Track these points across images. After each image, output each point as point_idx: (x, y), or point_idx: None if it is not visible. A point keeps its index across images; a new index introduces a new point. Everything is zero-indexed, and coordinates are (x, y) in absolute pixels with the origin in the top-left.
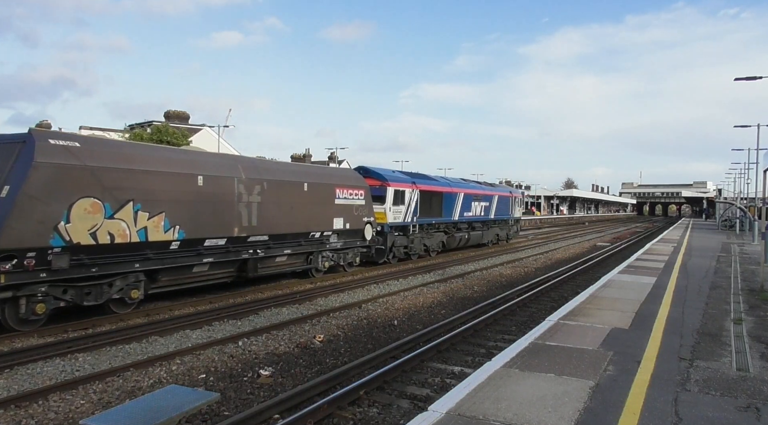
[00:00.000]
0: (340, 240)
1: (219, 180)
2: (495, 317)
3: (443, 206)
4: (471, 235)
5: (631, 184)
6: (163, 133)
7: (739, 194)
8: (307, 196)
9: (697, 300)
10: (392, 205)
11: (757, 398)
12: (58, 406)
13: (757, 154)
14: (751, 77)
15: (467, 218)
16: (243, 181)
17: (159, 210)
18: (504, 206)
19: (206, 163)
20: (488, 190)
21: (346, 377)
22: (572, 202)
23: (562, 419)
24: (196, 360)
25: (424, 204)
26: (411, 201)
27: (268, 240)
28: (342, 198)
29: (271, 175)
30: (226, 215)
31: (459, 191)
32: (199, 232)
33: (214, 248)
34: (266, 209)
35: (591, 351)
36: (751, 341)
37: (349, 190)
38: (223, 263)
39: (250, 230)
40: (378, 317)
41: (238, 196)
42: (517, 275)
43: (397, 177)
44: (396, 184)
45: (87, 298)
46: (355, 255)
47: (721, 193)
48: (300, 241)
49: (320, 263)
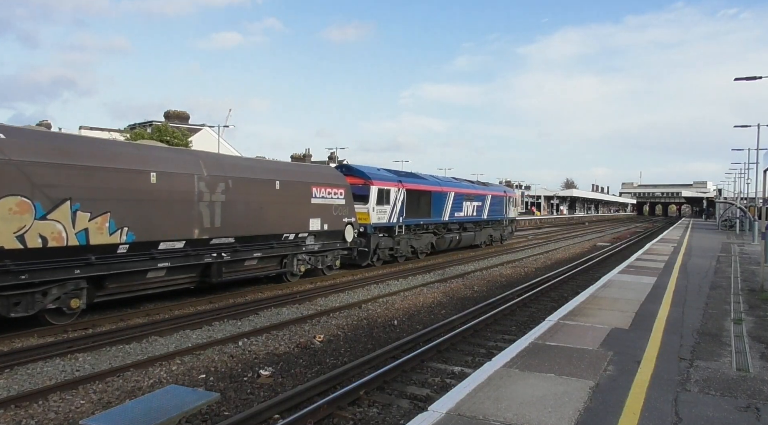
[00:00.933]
0: (318, 243)
1: (176, 177)
2: (495, 317)
3: (432, 206)
4: (462, 236)
5: (631, 184)
6: (163, 133)
7: (739, 194)
8: (280, 195)
9: (697, 301)
10: (376, 204)
11: (757, 398)
12: (58, 406)
13: (757, 154)
14: (751, 77)
15: (458, 218)
16: (204, 179)
17: (103, 210)
18: (498, 206)
19: (161, 158)
20: (481, 190)
21: (346, 377)
22: (572, 202)
23: (562, 419)
24: (196, 360)
25: (411, 203)
26: (397, 200)
27: (235, 243)
28: (319, 197)
29: (237, 172)
30: (185, 216)
31: (449, 190)
32: (153, 235)
33: (171, 252)
34: (232, 209)
35: (591, 352)
36: (751, 341)
37: (327, 189)
38: (182, 268)
39: (213, 232)
40: (378, 317)
41: (199, 194)
42: (517, 275)
43: (382, 175)
44: (380, 183)
45: (15, 309)
46: (335, 258)
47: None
48: (272, 244)
49: (295, 267)
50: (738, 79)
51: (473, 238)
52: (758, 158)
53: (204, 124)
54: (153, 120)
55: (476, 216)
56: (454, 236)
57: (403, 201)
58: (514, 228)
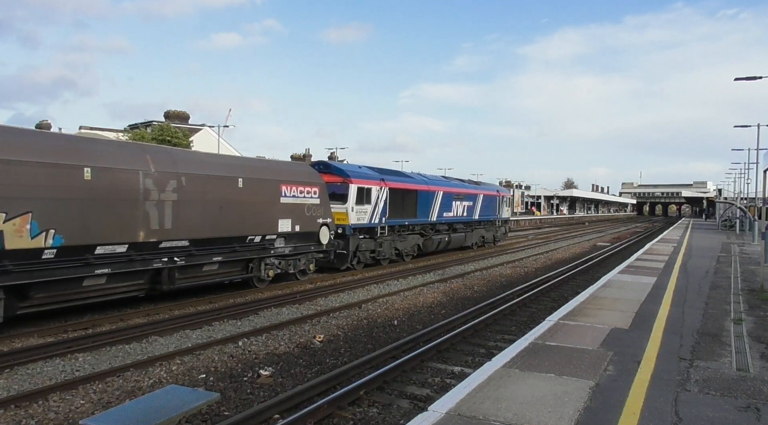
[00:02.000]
0: (289, 245)
1: (116, 173)
2: (495, 317)
3: (418, 206)
4: (452, 238)
5: (631, 184)
6: (165, 133)
7: (739, 194)
8: (243, 194)
9: (697, 301)
10: (355, 204)
11: (757, 398)
12: (58, 406)
13: (757, 154)
14: (751, 77)
15: (447, 219)
16: (152, 175)
17: (22, 210)
18: (490, 206)
19: (97, 152)
20: (472, 189)
21: (346, 377)
22: (572, 202)
23: (562, 419)
24: (196, 360)
25: (395, 203)
26: (379, 200)
27: (189, 246)
28: (290, 196)
29: (191, 168)
30: (128, 216)
31: (437, 189)
32: (87, 238)
33: (111, 256)
34: (185, 209)
35: (591, 351)
36: (751, 341)
37: (299, 187)
38: (126, 274)
39: (163, 234)
40: (378, 317)
41: (145, 192)
42: (517, 275)
43: (363, 173)
44: (360, 181)
45: None
46: (308, 261)
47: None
48: (234, 247)
49: (263, 272)
50: (738, 79)
51: (464, 239)
52: (758, 158)
53: (204, 124)
54: (153, 120)
55: (467, 216)
56: (442, 237)
57: (385, 200)
58: (508, 229)
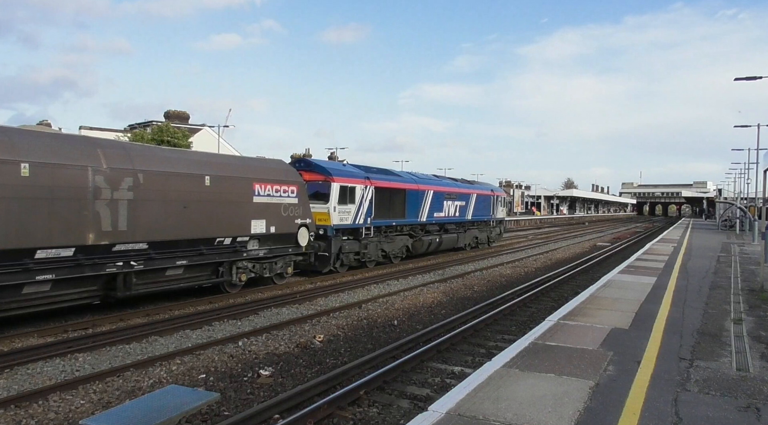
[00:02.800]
0: (264, 248)
1: (60, 169)
2: (495, 317)
3: (407, 205)
4: (443, 239)
5: (631, 184)
6: (164, 133)
7: (739, 194)
8: (210, 193)
9: (697, 301)
10: (338, 203)
11: (757, 398)
12: (58, 406)
13: (757, 154)
14: (751, 77)
15: (438, 219)
16: (103, 172)
17: None
18: (484, 206)
19: (38, 146)
20: (464, 188)
21: (346, 377)
22: (572, 202)
23: (562, 419)
24: (196, 360)
25: (382, 202)
26: (364, 199)
27: (148, 249)
28: (264, 195)
29: (151, 165)
30: (74, 217)
31: (427, 188)
32: (26, 240)
33: (56, 261)
34: (143, 209)
35: (591, 351)
36: (751, 341)
37: (274, 186)
38: (74, 280)
39: (116, 236)
40: (378, 317)
41: (95, 191)
42: (517, 275)
43: (346, 171)
44: (343, 179)
45: None
46: (286, 264)
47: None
48: (201, 250)
49: (235, 276)
50: (738, 78)
51: (456, 240)
52: (758, 158)
53: (204, 124)
54: (153, 120)
55: (459, 216)
56: (433, 238)
57: (371, 200)
58: (503, 230)
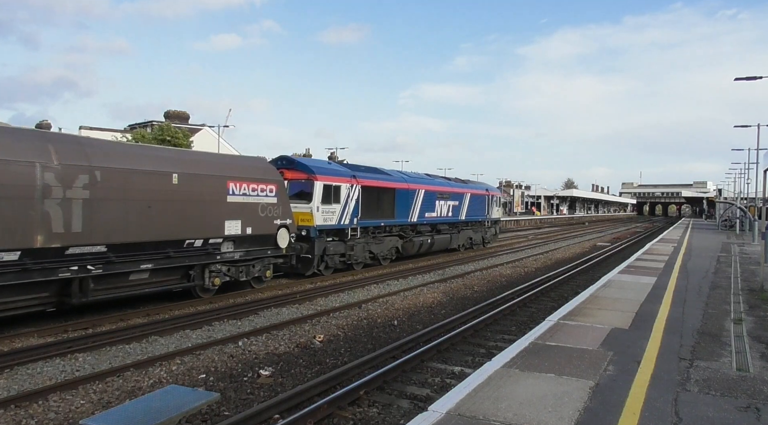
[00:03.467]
0: (240, 250)
1: (2, 166)
2: (495, 317)
3: (396, 205)
4: (435, 239)
5: (631, 184)
6: (165, 132)
7: (739, 194)
8: (179, 192)
9: (697, 301)
10: (321, 203)
11: (757, 398)
12: (58, 406)
13: (757, 154)
14: (751, 77)
15: (430, 220)
16: (53, 169)
17: None
18: (478, 206)
19: None
20: (458, 187)
21: (346, 377)
22: (572, 202)
23: (562, 419)
24: (196, 360)
25: (369, 202)
26: (350, 198)
27: (108, 252)
28: (239, 194)
29: (109, 161)
30: (19, 217)
31: (418, 188)
32: None
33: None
34: (101, 209)
35: (591, 351)
36: (751, 341)
37: (251, 184)
38: (21, 286)
39: (70, 238)
40: (378, 317)
41: (44, 189)
42: (517, 275)
43: (331, 169)
44: (327, 178)
45: None
46: (265, 267)
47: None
48: (168, 252)
49: (207, 280)
50: (738, 78)
51: (449, 241)
52: (758, 158)
53: (204, 124)
54: (153, 120)
55: (452, 217)
56: (425, 239)
57: (357, 199)
58: (498, 230)
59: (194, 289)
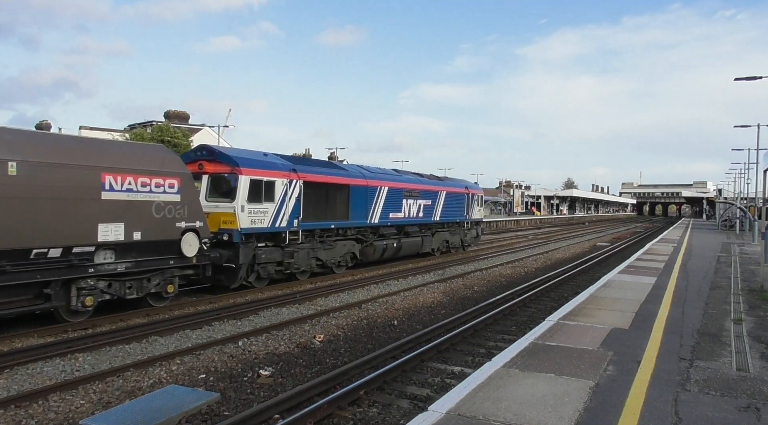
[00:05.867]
0: (124, 261)
1: None
2: (495, 317)
3: (351, 204)
4: (403, 243)
5: (631, 184)
6: (164, 133)
7: (739, 194)
8: (18, 186)
9: (697, 301)
10: (248, 201)
11: (757, 398)
12: (58, 406)
13: (757, 154)
14: (751, 77)
15: (396, 221)
16: None
17: None
18: (456, 205)
19: None
20: (431, 185)
21: (346, 377)
22: (572, 202)
23: (562, 419)
24: (196, 360)
25: (316, 201)
26: (288, 196)
27: None
28: (122, 190)
29: None
30: None
31: (380, 184)
32: None
33: None
34: None
35: (591, 352)
36: (751, 341)
37: (140, 178)
38: None
39: None
40: (378, 317)
41: None
42: (517, 275)
43: (262, 161)
44: (255, 171)
45: None
46: (166, 281)
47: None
48: (3, 266)
49: (76, 300)
50: (738, 79)
51: (420, 245)
52: (758, 158)
53: (204, 124)
54: (153, 120)
55: (424, 217)
56: (390, 243)
57: (299, 197)
58: (480, 232)
59: (57, 312)
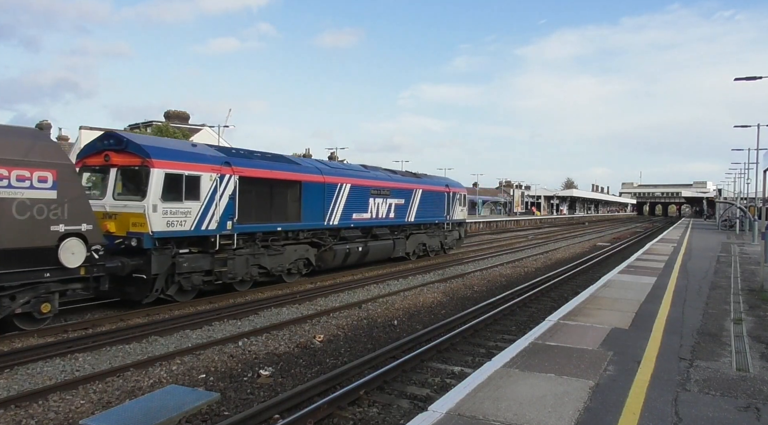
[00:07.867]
0: None
1: None
2: (495, 317)
3: (304, 203)
4: (370, 247)
5: (631, 184)
6: (164, 133)
7: (739, 194)
8: None
9: (697, 301)
10: (164, 200)
11: (757, 398)
12: (58, 406)
13: (757, 154)
14: (750, 77)
15: (360, 222)
16: None
17: None
18: (434, 205)
19: None
20: (404, 182)
21: (346, 377)
22: (572, 202)
23: (562, 419)
24: (196, 360)
25: (258, 199)
26: (219, 194)
27: None
28: None
29: None
30: None
31: (340, 181)
32: None
33: None
34: None
35: (591, 351)
36: (751, 341)
37: None
38: None
39: None
40: (378, 317)
41: None
42: (517, 275)
43: (183, 152)
44: (173, 164)
45: None
46: (39, 300)
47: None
48: None
49: None
50: (738, 79)
51: (391, 249)
52: (758, 158)
53: (204, 124)
54: (153, 120)
55: (396, 218)
56: (354, 247)
57: (233, 195)
58: (463, 234)
59: None
